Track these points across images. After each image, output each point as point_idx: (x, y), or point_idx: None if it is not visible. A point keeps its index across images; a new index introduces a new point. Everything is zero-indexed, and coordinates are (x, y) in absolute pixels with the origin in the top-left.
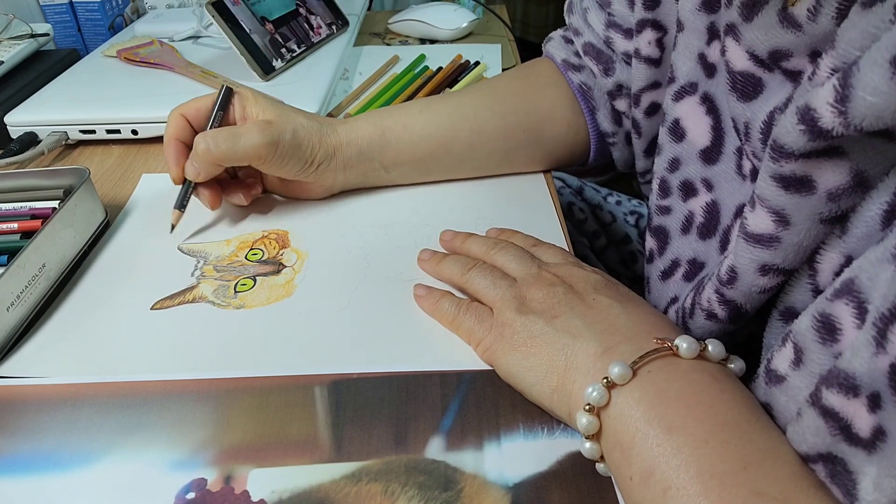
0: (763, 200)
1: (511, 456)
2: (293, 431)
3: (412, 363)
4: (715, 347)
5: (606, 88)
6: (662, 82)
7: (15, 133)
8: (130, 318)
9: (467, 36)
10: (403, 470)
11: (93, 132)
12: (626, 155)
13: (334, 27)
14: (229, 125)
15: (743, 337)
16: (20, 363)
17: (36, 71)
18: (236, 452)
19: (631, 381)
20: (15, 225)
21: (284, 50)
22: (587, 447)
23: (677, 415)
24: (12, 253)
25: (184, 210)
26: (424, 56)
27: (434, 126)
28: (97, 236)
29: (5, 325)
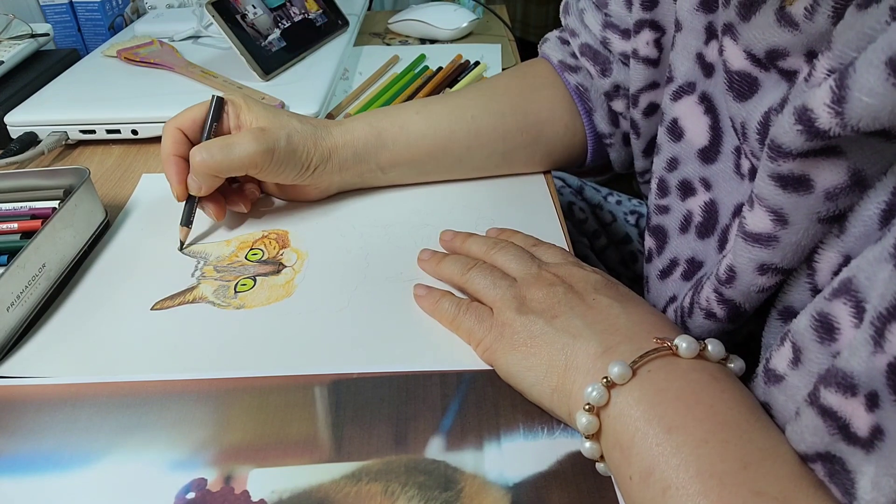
0: (761, 200)
1: (511, 456)
2: (293, 431)
3: (412, 363)
4: (714, 347)
5: (603, 89)
6: (661, 82)
7: (15, 133)
8: (130, 319)
9: (467, 36)
10: (403, 470)
11: (93, 132)
12: (624, 156)
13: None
14: (224, 135)
15: (742, 336)
16: (20, 363)
17: (36, 71)
18: (236, 452)
19: (631, 381)
20: (15, 225)
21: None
22: (587, 447)
23: (677, 414)
24: (12, 253)
25: (190, 227)
26: (424, 56)
27: (431, 127)
28: (97, 236)
29: (5, 325)
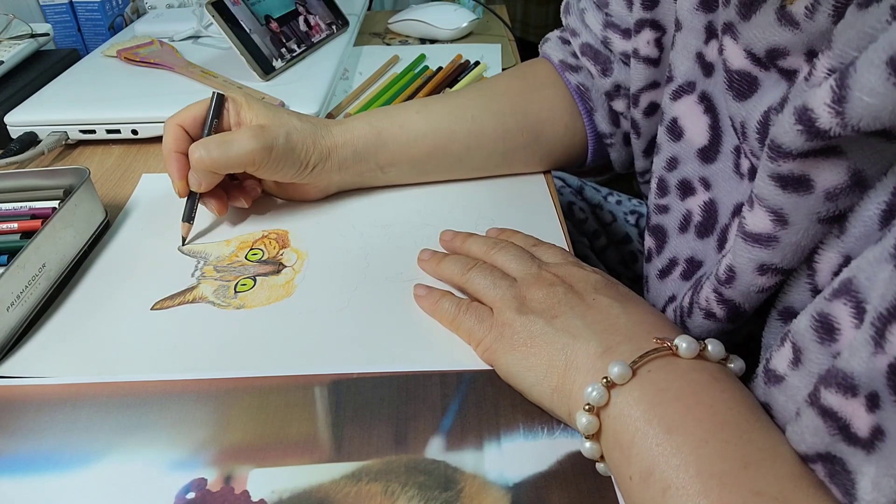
0: (761, 200)
1: (511, 456)
2: (293, 431)
3: (412, 363)
4: (714, 347)
5: (604, 89)
6: (661, 82)
7: (15, 133)
8: (130, 319)
9: (467, 36)
10: (403, 470)
11: (93, 132)
12: (624, 156)
13: (334, 27)
14: (225, 132)
15: (742, 336)
16: (20, 363)
17: (36, 71)
18: (236, 452)
19: (630, 381)
20: (15, 225)
21: (284, 50)
22: (587, 447)
23: (677, 414)
24: (12, 253)
25: (192, 222)
26: (424, 56)
27: (431, 127)
28: (97, 236)
29: (5, 325)
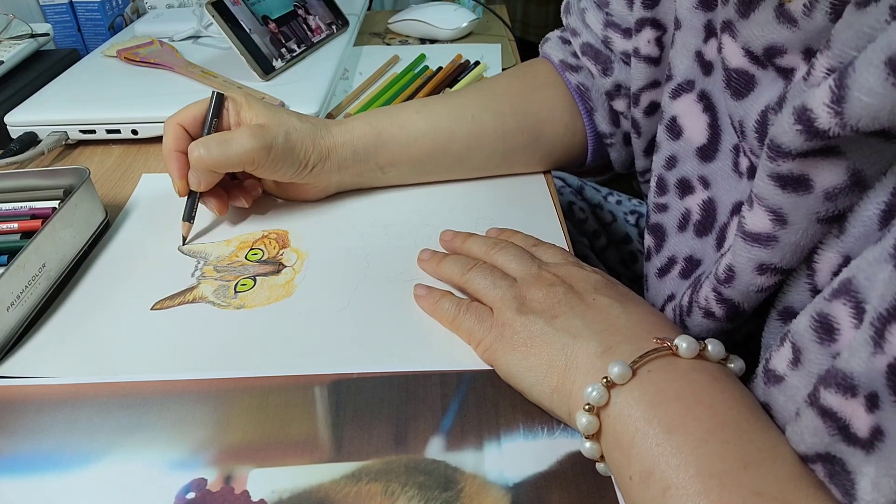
0: (761, 199)
1: (511, 456)
2: (293, 431)
3: (412, 363)
4: (714, 347)
5: (605, 89)
6: (662, 81)
7: (15, 133)
8: (130, 319)
9: (467, 36)
10: (403, 470)
11: (93, 132)
12: (624, 156)
13: (334, 27)
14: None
15: (741, 336)
16: (20, 363)
17: (36, 71)
18: (236, 452)
19: (630, 381)
20: (15, 225)
21: (284, 50)
22: (587, 447)
23: (677, 414)
24: (12, 253)
25: (192, 221)
26: (424, 56)
27: (431, 127)
28: (97, 236)
29: (5, 325)
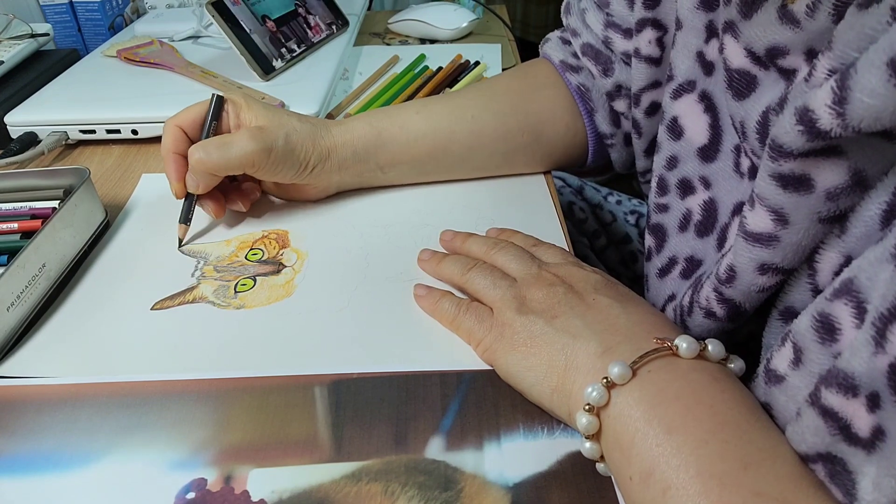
0: (762, 199)
1: (511, 456)
2: (293, 431)
3: (412, 363)
4: (715, 347)
5: (605, 89)
6: (663, 81)
7: (15, 133)
8: (130, 319)
9: (467, 36)
10: (403, 470)
11: (93, 132)
12: (625, 156)
13: (334, 27)
14: (224, 133)
15: (742, 336)
16: (20, 363)
17: (36, 71)
18: (236, 452)
19: (631, 381)
20: (15, 225)
21: (284, 50)
22: (587, 447)
23: (677, 415)
24: (12, 253)
25: (189, 224)
26: (424, 56)
27: (431, 127)
28: (97, 236)
29: (5, 325)
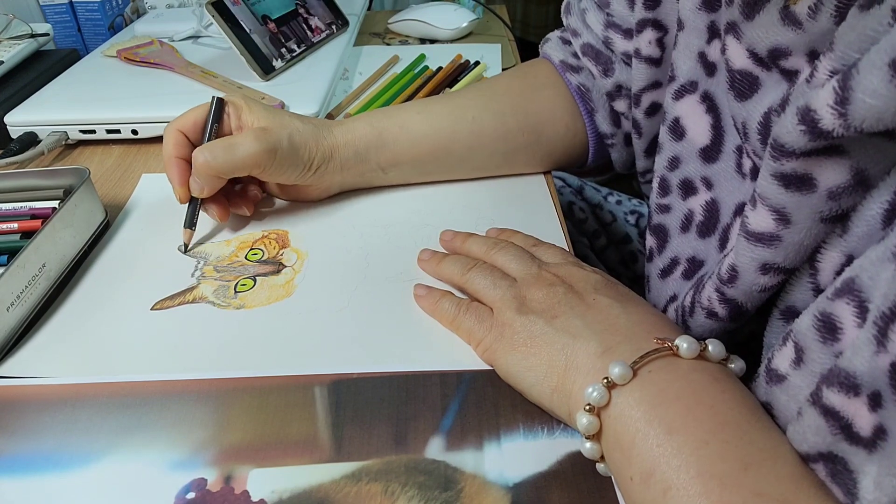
0: (764, 199)
1: (511, 456)
2: (293, 431)
3: (412, 363)
4: (715, 347)
5: (605, 89)
6: (663, 82)
7: (15, 133)
8: (130, 319)
9: (467, 36)
10: (403, 470)
11: (93, 132)
12: (625, 156)
13: (334, 27)
14: (226, 136)
15: (743, 336)
16: (20, 363)
17: (36, 71)
18: (236, 452)
19: (631, 382)
20: (15, 225)
21: (284, 50)
22: (587, 447)
23: (678, 415)
24: (12, 253)
25: (194, 228)
26: (424, 56)
27: (432, 127)
28: (97, 236)
29: (5, 325)
